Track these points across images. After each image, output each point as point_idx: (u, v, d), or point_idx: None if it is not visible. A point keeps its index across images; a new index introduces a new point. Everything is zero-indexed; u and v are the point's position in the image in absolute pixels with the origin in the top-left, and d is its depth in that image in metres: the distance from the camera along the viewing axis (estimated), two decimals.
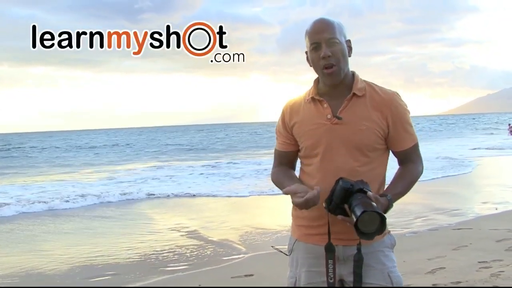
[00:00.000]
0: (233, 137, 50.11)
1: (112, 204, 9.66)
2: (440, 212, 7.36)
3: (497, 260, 4.51)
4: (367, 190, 1.60)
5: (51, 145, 43.64)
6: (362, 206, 1.52)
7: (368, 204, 1.54)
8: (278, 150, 1.92)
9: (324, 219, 1.70)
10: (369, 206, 1.53)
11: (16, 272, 5.05)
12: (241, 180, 13.21)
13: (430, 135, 37.06)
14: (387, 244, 1.79)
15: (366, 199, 1.56)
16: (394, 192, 1.72)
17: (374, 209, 1.52)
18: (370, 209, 1.51)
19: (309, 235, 1.80)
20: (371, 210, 1.51)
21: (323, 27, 1.72)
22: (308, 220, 1.78)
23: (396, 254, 1.82)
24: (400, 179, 1.78)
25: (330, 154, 1.73)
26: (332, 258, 1.69)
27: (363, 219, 1.51)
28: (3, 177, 17.27)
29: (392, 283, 1.74)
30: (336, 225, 1.68)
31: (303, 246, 1.82)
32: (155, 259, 5.39)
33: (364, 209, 1.51)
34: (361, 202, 1.55)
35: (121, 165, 21.10)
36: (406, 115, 1.77)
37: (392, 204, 1.67)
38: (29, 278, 4.84)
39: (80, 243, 6.36)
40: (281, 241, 5.52)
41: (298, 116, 1.81)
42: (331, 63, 1.70)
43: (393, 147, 1.79)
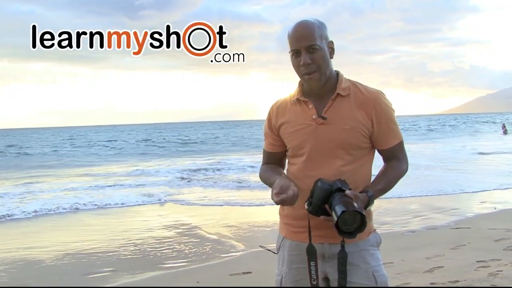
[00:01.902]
0: (226, 136, 48.72)
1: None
2: (438, 211, 7.36)
3: (495, 259, 4.51)
4: (346, 189, 1.62)
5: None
6: (342, 206, 1.54)
7: (348, 203, 1.56)
8: (266, 151, 1.96)
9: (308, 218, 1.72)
10: (349, 205, 1.55)
11: (16, 266, 5.07)
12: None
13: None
14: (372, 242, 1.79)
15: (345, 198, 1.58)
16: (376, 188, 1.73)
17: (354, 208, 1.53)
18: (350, 208, 1.53)
19: (294, 232, 1.82)
20: (352, 209, 1.53)
21: (303, 33, 1.72)
22: (293, 219, 1.81)
23: (394, 253, 1.82)
24: (383, 176, 1.80)
25: (316, 153, 1.75)
26: (314, 260, 1.70)
27: (344, 219, 1.52)
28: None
29: (376, 283, 1.74)
30: (320, 223, 1.69)
31: (289, 243, 1.84)
32: (153, 256, 5.39)
33: (344, 209, 1.52)
34: (341, 201, 1.56)
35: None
36: (390, 113, 1.78)
37: (373, 201, 1.69)
38: (29, 272, 4.85)
39: (79, 239, 6.36)
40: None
41: (284, 117, 1.83)
42: (312, 70, 1.72)
43: (378, 145, 1.80)
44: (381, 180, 1.78)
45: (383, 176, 1.79)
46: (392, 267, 4.06)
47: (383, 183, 1.77)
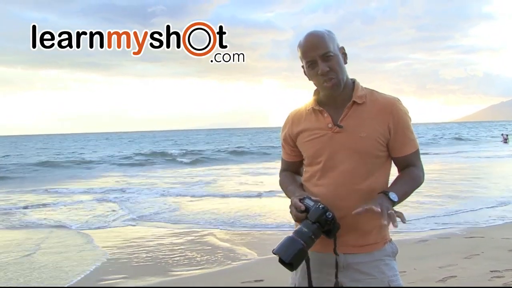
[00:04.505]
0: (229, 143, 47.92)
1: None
2: (452, 220, 7.29)
3: (509, 269, 4.45)
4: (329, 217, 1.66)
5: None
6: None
7: (299, 232, 1.63)
8: (284, 159, 1.99)
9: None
10: (299, 234, 1.62)
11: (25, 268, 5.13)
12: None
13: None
14: (388, 252, 1.78)
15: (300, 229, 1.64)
16: (398, 190, 1.69)
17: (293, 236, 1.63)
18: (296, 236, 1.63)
19: None
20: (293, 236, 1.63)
21: (315, 43, 1.72)
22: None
23: (406, 262, 1.82)
24: (402, 180, 1.76)
25: (332, 162, 1.75)
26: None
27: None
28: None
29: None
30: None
31: None
32: (165, 263, 5.42)
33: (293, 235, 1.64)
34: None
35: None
36: (407, 121, 1.77)
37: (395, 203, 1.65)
38: (35, 274, 4.90)
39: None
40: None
41: (300, 126, 1.84)
42: (330, 77, 1.72)
43: (394, 153, 1.78)
44: (401, 183, 1.75)
45: (402, 181, 1.76)
46: (404, 276, 4.05)
47: (404, 186, 1.74)
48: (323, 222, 1.64)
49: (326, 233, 1.68)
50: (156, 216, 8.60)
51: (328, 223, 1.65)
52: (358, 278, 1.73)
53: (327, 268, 1.74)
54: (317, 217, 1.63)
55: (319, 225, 1.64)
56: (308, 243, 1.62)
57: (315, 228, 1.63)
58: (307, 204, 1.67)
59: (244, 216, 8.21)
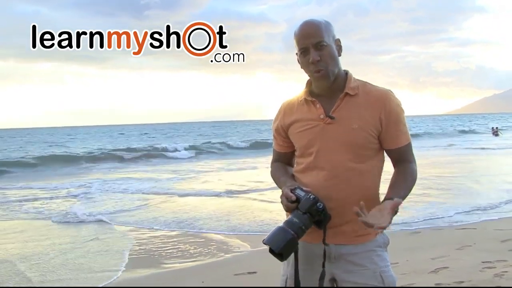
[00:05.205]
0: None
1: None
2: (444, 211, 7.32)
3: (501, 260, 4.49)
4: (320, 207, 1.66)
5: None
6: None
7: (289, 222, 1.63)
8: (275, 150, 1.98)
9: None
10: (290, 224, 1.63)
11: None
12: None
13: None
14: (379, 243, 1.78)
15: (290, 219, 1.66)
16: (399, 194, 1.67)
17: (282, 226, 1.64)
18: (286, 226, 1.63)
19: None
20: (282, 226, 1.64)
21: (310, 31, 1.71)
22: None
23: (399, 253, 1.82)
24: (401, 181, 1.75)
25: (324, 153, 1.74)
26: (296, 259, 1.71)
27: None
28: None
29: (384, 283, 1.73)
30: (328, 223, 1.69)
31: None
32: (158, 255, 5.41)
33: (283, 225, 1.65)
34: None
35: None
36: (399, 112, 1.76)
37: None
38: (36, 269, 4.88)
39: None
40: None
41: (292, 117, 1.83)
42: (319, 68, 1.71)
43: (387, 145, 1.77)
44: (401, 185, 1.73)
45: (403, 181, 1.75)
46: (397, 267, 4.07)
47: (406, 190, 1.72)
48: (313, 212, 1.63)
49: (317, 224, 1.67)
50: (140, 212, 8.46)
51: (319, 214, 1.64)
52: (350, 269, 1.73)
53: (317, 259, 1.74)
54: (307, 208, 1.63)
55: (309, 216, 1.63)
56: (298, 234, 1.61)
57: (306, 219, 1.63)
58: (298, 195, 1.66)
59: (239, 211, 8.19)
